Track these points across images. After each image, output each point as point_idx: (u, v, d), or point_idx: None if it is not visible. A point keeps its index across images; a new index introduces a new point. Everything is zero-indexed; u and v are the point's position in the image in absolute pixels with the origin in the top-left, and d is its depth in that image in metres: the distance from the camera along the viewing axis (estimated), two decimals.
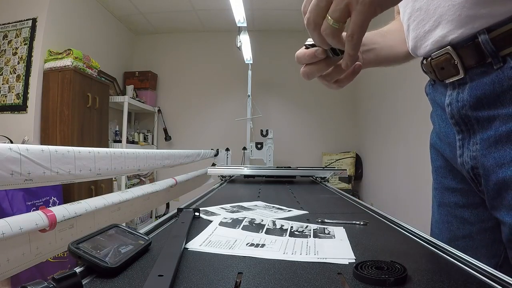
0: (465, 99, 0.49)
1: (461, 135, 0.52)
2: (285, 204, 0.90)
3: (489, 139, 0.47)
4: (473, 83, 0.47)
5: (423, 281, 0.37)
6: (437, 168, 0.64)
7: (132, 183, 3.69)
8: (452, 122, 0.53)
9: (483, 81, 0.46)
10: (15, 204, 1.93)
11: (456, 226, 0.60)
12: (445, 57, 0.50)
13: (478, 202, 0.55)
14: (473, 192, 0.55)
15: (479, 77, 0.46)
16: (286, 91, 4.26)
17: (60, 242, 0.77)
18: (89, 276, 0.38)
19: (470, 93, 0.48)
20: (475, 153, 0.50)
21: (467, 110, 0.49)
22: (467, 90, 0.48)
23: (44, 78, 2.70)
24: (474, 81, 0.47)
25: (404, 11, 0.56)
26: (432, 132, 0.65)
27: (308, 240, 0.54)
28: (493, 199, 0.49)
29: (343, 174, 1.79)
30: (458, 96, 0.50)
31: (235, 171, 1.75)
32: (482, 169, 0.49)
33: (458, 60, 0.48)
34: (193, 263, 0.43)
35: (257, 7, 3.64)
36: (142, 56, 4.41)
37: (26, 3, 2.75)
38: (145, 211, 3.04)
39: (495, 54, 0.44)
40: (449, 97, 0.52)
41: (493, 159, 0.47)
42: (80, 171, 0.81)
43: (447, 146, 0.57)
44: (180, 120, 4.31)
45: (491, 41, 0.43)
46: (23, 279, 1.61)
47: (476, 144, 0.50)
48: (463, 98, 0.49)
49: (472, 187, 0.55)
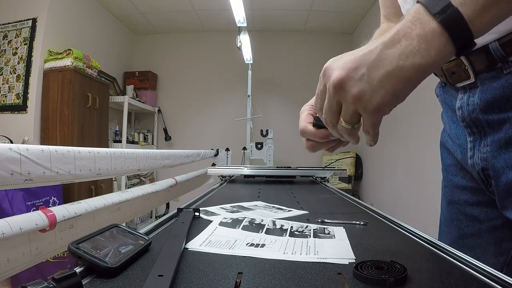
0: (476, 103, 0.50)
1: (472, 137, 0.53)
2: (285, 204, 0.90)
3: (500, 141, 0.48)
4: (483, 87, 0.48)
5: (423, 281, 0.37)
6: (447, 166, 0.65)
7: (132, 183, 3.69)
8: (463, 124, 0.54)
9: (493, 85, 0.47)
10: (15, 204, 1.93)
11: (465, 224, 0.60)
12: (456, 62, 0.51)
13: (487, 200, 0.56)
14: (483, 191, 0.56)
15: (489, 82, 0.47)
16: (286, 91, 4.26)
17: (60, 242, 0.77)
18: (89, 276, 0.37)
19: (481, 97, 0.49)
20: (486, 154, 0.51)
21: (478, 114, 0.50)
22: (477, 94, 0.49)
23: (44, 78, 2.69)
24: (484, 85, 0.48)
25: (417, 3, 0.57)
26: (443, 131, 0.66)
27: (308, 240, 0.54)
28: (503, 199, 0.50)
29: (343, 174, 1.79)
30: (468, 100, 0.51)
31: (235, 171, 1.75)
32: (492, 170, 0.50)
33: (469, 65, 0.49)
34: (193, 263, 0.43)
35: (257, 7, 3.64)
36: (142, 56, 4.41)
37: (26, 3, 2.75)
38: (145, 211, 3.04)
39: (505, 59, 0.45)
40: (460, 100, 0.53)
41: (503, 161, 0.48)
42: (80, 171, 0.81)
43: (458, 147, 0.58)
44: (180, 120, 4.31)
45: (500, 47, 0.44)
46: (23, 279, 1.61)
47: (487, 146, 0.50)
48: (473, 102, 0.50)
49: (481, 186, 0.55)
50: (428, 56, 0.33)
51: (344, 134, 0.40)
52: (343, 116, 0.38)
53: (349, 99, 0.36)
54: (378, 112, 0.36)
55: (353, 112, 0.37)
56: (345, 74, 0.36)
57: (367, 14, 3.66)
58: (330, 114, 0.39)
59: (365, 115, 0.37)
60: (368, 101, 0.35)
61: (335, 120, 0.39)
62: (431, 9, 0.33)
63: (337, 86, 0.36)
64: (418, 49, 0.33)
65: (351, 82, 0.35)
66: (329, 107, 0.39)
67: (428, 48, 0.33)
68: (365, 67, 0.35)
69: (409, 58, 0.33)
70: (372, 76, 0.34)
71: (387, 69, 0.34)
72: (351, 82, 0.35)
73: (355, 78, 0.35)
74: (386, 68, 0.34)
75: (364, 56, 0.35)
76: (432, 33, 0.32)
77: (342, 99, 0.37)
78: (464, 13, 0.32)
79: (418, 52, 0.33)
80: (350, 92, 0.35)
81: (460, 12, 0.32)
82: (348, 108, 0.37)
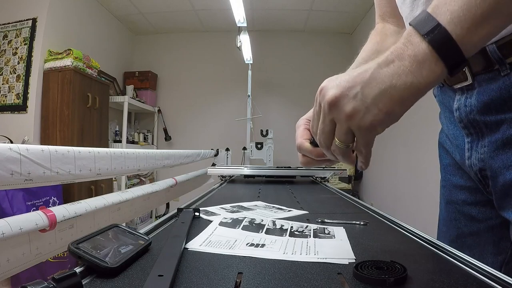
0: (473, 104, 0.50)
1: (470, 137, 0.53)
2: (285, 204, 0.90)
3: (497, 142, 0.48)
4: (480, 89, 0.48)
5: (423, 281, 0.37)
6: (446, 166, 0.65)
7: (132, 183, 3.69)
8: (461, 125, 0.54)
9: (491, 87, 0.47)
10: (15, 204, 1.93)
11: (464, 223, 0.60)
12: None
13: (485, 200, 0.56)
14: (481, 190, 0.56)
15: (487, 83, 0.47)
16: (286, 91, 4.26)
17: (60, 242, 0.77)
18: (89, 276, 0.38)
19: (478, 98, 0.49)
20: (483, 155, 0.51)
21: (475, 115, 0.50)
22: (475, 96, 0.50)
23: (44, 78, 2.69)
24: (481, 86, 0.48)
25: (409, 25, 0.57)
26: (441, 131, 0.66)
27: (308, 240, 0.54)
28: (501, 199, 0.50)
29: (343, 174, 1.79)
30: (466, 101, 0.51)
31: (235, 171, 1.75)
32: (490, 171, 0.50)
33: (466, 67, 0.49)
34: (193, 263, 0.43)
35: (257, 7, 3.64)
36: (142, 56, 4.41)
37: (26, 3, 2.75)
38: (145, 211, 3.03)
39: (502, 61, 0.45)
40: (457, 101, 0.53)
41: (501, 161, 0.48)
42: (80, 171, 0.81)
43: (456, 148, 0.59)
44: (180, 120, 4.30)
45: (498, 49, 0.45)
46: (23, 279, 1.61)
47: (484, 146, 0.51)
48: (471, 103, 0.50)
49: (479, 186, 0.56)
50: (420, 76, 0.33)
51: (339, 155, 0.40)
52: (337, 136, 0.39)
53: (342, 117, 0.36)
54: (371, 131, 0.36)
55: (346, 130, 0.37)
56: (339, 93, 0.36)
57: (367, 14, 3.66)
58: (324, 135, 0.40)
59: (359, 134, 0.37)
60: (361, 119, 0.35)
61: (328, 141, 0.40)
62: (420, 30, 0.34)
63: (331, 104, 0.37)
64: (410, 69, 0.33)
65: (345, 100, 0.36)
66: (323, 126, 0.39)
67: (419, 68, 0.33)
68: (360, 85, 0.36)
69: (401, 77, 0.34)
70: (366, 94, 0.35)
71: (380, 87, 0.34)
72: (345, 100, 0.36)
73: (349, 96, 0.36)
74: (379, 86, 0.34)
75: (359, 76, 0.36)
76: (423, 53, 0.33)
77: (336, 118, 0.37)
78: (453, 32, 0.32)
79: (410, 72, 0.33)
80: (344, 110, 0.36)
81: (448, 31, 0.32)
82: (341, 126, 0.37)
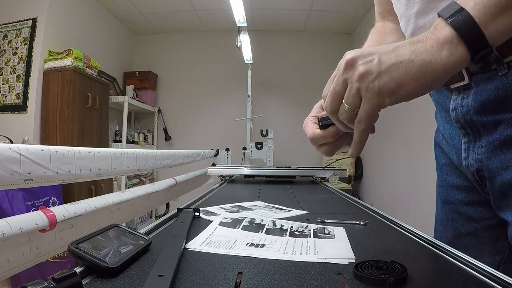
0: (470, 104, 0.49)
1: (467, 138, 0.53)
2: (285, 204, 0.90)
3: (494, 142, 0.48)
4: (477, 89, 0.48)
5: (423, 281, 0.37)
6: (442, 166, 0.65)
7: (132, 183, 3.69)
8: (458, 126, 0.53)
9: (488, 87, 0.46)
10: (15, 204, 1.93)
11: (461, 223, 0.60)
12: None
13: (482, 200, 0.56)
14: (478, 190, 0.56)
15: (484, 83, 0.47)
16: (286, 91, 4.25)
17: (60, 242, 0.77)
18: (89, 276, 0.38)
19: (475, 98, 0.48)
20: (480, 155, 0.50)
21: (472, 115, 0.50)
22: (471, 96, 0.49)
23: (44, 78, 2.69)
24: (478, 86, 0.48)
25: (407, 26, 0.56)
26: (437, 130, 0.66)
27: (308, 240, 0.54)
28: (498, 200, 0.50)
29: (343, 174, 1.79)
30: (462, 101, 0.51)
31: (235, 171, 1.75)
32: (487, 171, 0.50)
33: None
34: (193, 263, 0.43)
35: (257, 7, 3.64)
36: (142, 56, 4.41)
37: (26, 3, 2.74)
38: (145, 211, 3.03)
39: (500, 61, 0.44)
40: (454, 101, 0.52)
41: (498, 162, 0.48)
42: (80, 171, 0.81)
43: (452, 148, 0.58)
44: (180, 120, 4.30)
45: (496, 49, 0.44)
46: (23, 279, 1.61)
47: (481, 147, 0.50)
48: (467, 103, 0.50)
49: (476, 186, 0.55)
50: (439, 57, 0.34)
51: (344, 120, 0.40)
52: (345, 98, 0.39)
53: (354, 77, 0.37)
54: (378, 97, 0.37)
55: (355, 92, 0.38)
56: (358, 55, 0.38)
57: (367, 14, 3.66)
58: (333, 95, 0.40)
59: (365, 97, 0.37)
60: (372, 81, 0.36)
61: (336, 102, 0.40)
62: (444, 15, 0.35)
63: (347, 63, 0.38)
64: (430, 49, 0.35)
65: (361, 61, 0.38)
66: (335, 86, 0.40)
67: (439, 49, 0.34)
68: (379, 54, 0.37)
69: (421, 54, 0.35)
70: (383, 60, 0.37)
71: (398, 58, 0.36)
72: (361, 61, 0.38)
73: (367, 59, 0.37)
74: (398, 58, 0.36)
75: (382, 47, 0.38)
76: (444, 35, 0.34)
77: (348, 78, 0.38)
78: (476, 16, 0.33)
79: (430, 52, 0.35)
80: (358, 69, 0.37)
81: (471, 15, 0.33)
82: (351, 87, 0.38)
